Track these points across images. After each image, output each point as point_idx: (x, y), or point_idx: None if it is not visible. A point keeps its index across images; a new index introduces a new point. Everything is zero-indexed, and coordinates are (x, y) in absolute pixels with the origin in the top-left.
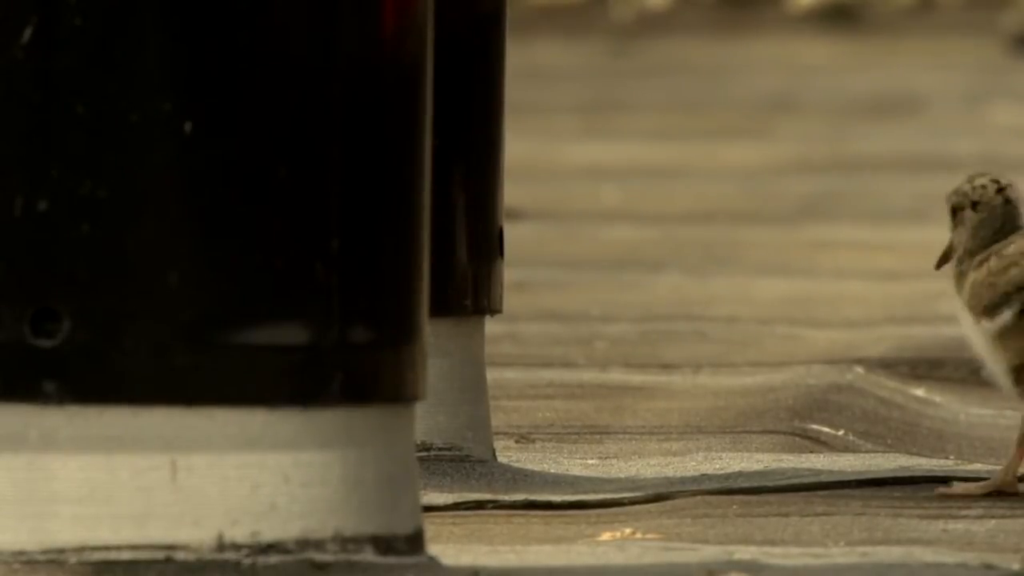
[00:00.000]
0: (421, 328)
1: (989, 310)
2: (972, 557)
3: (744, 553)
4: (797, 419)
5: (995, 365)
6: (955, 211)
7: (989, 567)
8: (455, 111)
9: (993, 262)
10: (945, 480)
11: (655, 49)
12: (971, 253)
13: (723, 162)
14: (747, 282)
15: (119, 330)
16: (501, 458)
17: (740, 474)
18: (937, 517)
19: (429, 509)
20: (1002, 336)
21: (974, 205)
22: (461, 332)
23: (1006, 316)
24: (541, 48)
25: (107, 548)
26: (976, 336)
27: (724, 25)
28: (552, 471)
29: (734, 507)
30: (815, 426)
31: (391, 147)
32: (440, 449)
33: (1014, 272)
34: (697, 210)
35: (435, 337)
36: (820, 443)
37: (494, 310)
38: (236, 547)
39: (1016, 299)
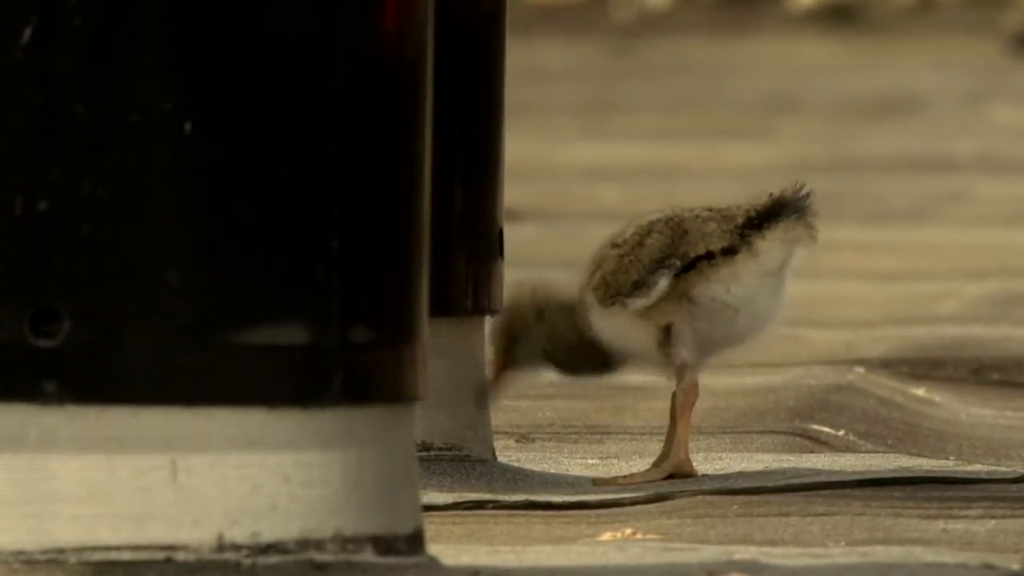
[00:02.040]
0: (421, 328)
1: (637, 286)
2: (972, 557)
3: (744, 553)
4: (797, 419)
5: (642, 341)
6: (513, 337)
7: (989, 567)
8: (455, 111)
9: (615, 251)
10: (945, 480)
11: (655, 49)
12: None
13: (723, 162)
14: None
15: (119, 330)
16: (501, 458)
17: (740, 474)
18: (937, 517)
19: (429, 509)
20: (650, 306)
21: (540, 314)
22: (461, 332)
23: (662, 284)
24: (541, 48)
25: (107, 548)
26: (612, 325)
27: (724, 25)
28: (552, 471)
29: (734, 507)
30: (815, 426)
31: (391, 147)
32: (440, 449)
33: (652, 240)
34: None
35: (435, 337)
36: (820, 443)
37: (494, 310)
38: (236, 547)
39: (667, 265)
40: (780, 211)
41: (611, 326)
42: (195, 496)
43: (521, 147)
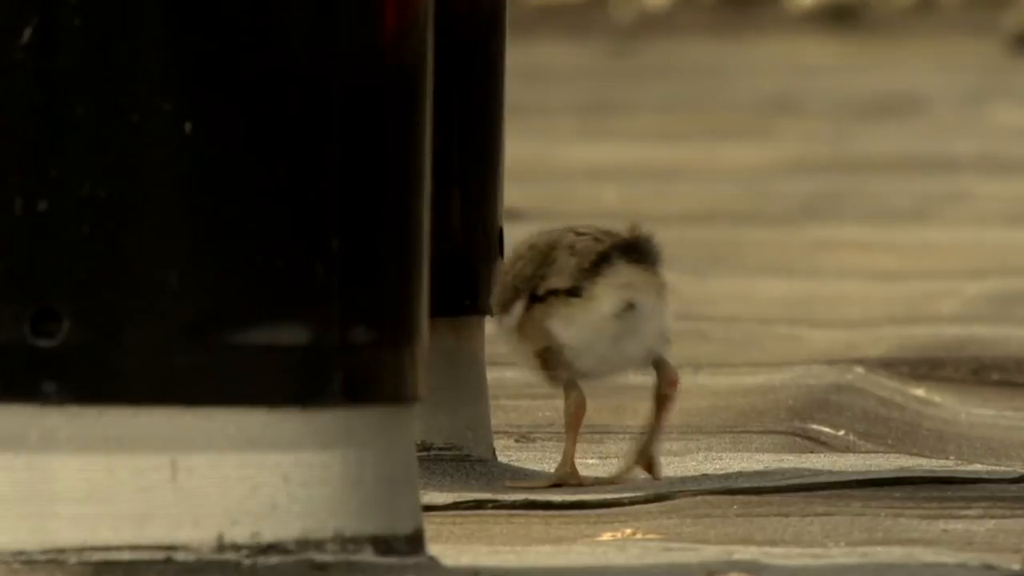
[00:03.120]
0: (421, 328)
1: (505, 305)
2: (972, 557)
3: (744, 553)
4: (797, 419)
5: (522, 355)
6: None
7: (989, 567)
8: (455, 111)
9: (502, 264)
10: (945, 480)
11: (655, 49)
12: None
13: (723, 162)
14: (747, 282)
15: (119, 330)
16: (501, 458)
17: (740, 474)
18: (937, 517)
19: (429, 509)
20: (520, 327)
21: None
22: (461, 332)
23: (518, 309)
24: (541, 48)
25: (107, 548)
26: (503, 333)
27: (724, 25)
28: (552, 471)
29: (734, 507)
30: (815, 426)
31: (391, 147)
32: (440, 449)
33: (519, 266)
34: (697, 210)
35: (435, 337)
36: (820, 443)
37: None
38: (236, 547)
39: (523, 292)
40: (611, 257)
41: (503, 331)
42: (195, 496)
43: (521, 147)
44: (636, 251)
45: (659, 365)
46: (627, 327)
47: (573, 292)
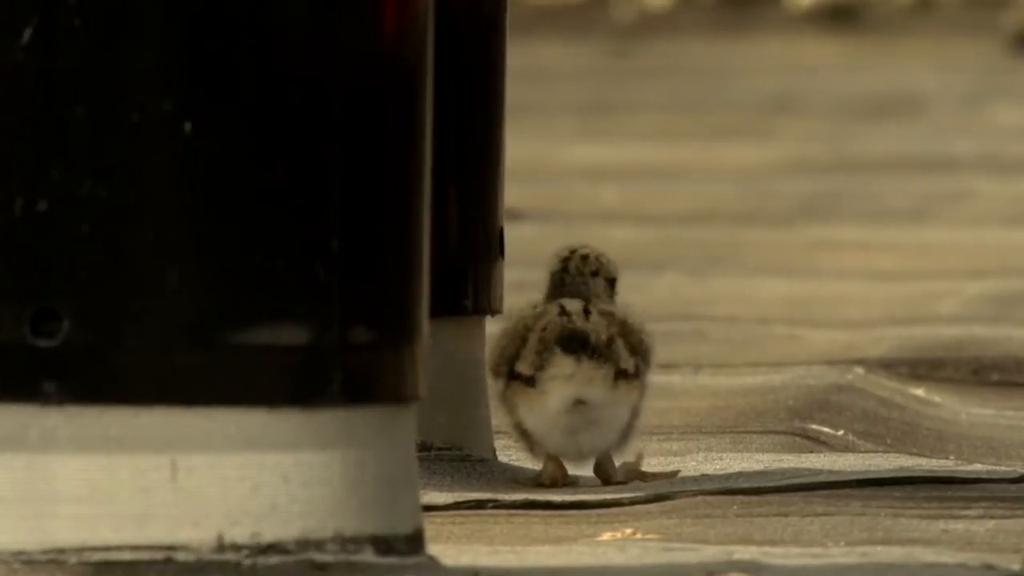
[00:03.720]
0: (421, 328)
1: (495, 375)
2: (972, 557)
3: (744, 553)
4: (797, 419)
5: (507, 418)
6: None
7: (989, 567)
8: (455, 111)
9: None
10: (945, 480)
11: (655, 49)
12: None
13: (723, 162)
14: (747, 282)
15: (119, 330)
16: (501, 458)
17: (740, 474)
18: (937, 517)
19: (429, 509)
20: (502, 399)
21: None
22: (461, 332)
23: (500, 385)
24: (541, 48)
25: (107, 548)
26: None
27: (724, 25)
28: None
29: (734, 507)
30: (815, 426)
31: (391, 147)
32: (440, 449)
33: (504, 344)
34: (697, 210)
35: (435, 337)
36: (820, 443)
37: (494, 310)
38: (236, 547)
39: (503, 369)
40: (551, 348)
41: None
42: (195, 496)
43: (521, 147)
44: (578, 342)
45: (601, 461)
46: (580, 421)
47: (530, 382)
